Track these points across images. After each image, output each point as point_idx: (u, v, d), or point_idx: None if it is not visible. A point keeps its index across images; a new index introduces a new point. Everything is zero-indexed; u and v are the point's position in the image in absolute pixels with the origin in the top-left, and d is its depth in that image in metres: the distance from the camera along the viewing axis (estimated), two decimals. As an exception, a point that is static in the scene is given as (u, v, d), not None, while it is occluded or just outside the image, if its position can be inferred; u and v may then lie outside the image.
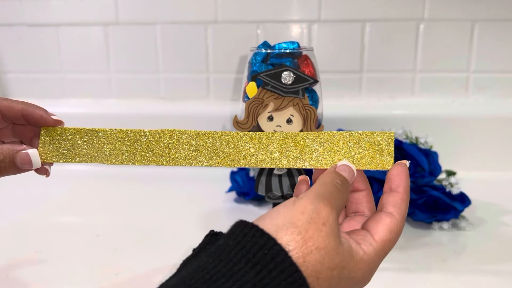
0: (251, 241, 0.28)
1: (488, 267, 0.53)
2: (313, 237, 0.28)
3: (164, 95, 0.89)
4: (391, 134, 0.37)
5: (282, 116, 0.49)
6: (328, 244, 0.29)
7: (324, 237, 0.29)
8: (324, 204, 0.30)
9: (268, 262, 0.27)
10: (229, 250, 0.28)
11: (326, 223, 0.29)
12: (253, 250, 0.27)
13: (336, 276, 0.29)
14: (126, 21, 0.85)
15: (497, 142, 0.82)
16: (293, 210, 0.30)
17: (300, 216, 0.29)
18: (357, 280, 0.31)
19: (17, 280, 0.51)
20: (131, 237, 0.61)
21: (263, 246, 0.27)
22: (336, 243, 0.29)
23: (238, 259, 0.27)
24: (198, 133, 0.40)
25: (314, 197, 0.30)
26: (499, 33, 0.81)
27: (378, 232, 0.33)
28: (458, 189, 0.62)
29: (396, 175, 0.35)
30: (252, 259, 0.27)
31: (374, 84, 0.85)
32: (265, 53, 0.51)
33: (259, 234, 0.28)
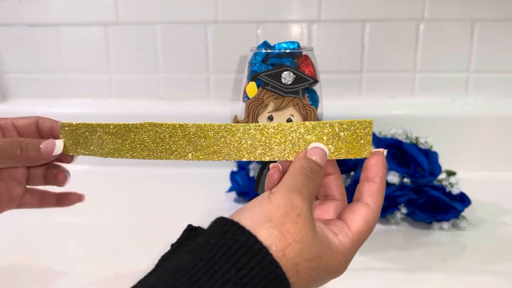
0: (232, 238, 0.28)
1: (488, 267, 0.53)
2: (290, 230, 0.29)
3: (164, 95, 0.89)
4: (370, 122, 0.36)
5: (282, 116, 0.49)
6: (305, 234, 0.29)
7: (300, 229, 0.29)
8: (296, 195, 0.30)
9: (249, 260, 0.27)
10: (209, 248, 0.27)
11: (300, 214, 0.30)
12: (234, 248, 0.27)
13: (315, 267, 0.30)
14: (126, 21, 0.85)
15: (497, 142, 0.82)
16: (268, 204, 0.30)
17: (276, 210, 0.29)
18: (334, 271, 0.32)
19: (17, 280, 0.51)
20: (131, 237, 0.61)
21: (244, 244, 0.27)
22: (312, 232, 0.30)
23: (219, 257, 0.27)
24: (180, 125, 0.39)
25: (286, 189, 0.31)
26: (499, 33, 0.81)
27: (354, 223, 0.33)
28: (458, 189, 0.62)
29: (374, 164, 0.35)
30: (233, 257, 0.27)
31: (374, 84, 0.85)
32: (265, 53, 0.51)
33: (239, 232, 0.28)
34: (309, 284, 0.30)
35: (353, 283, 0.51)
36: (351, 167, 0.67)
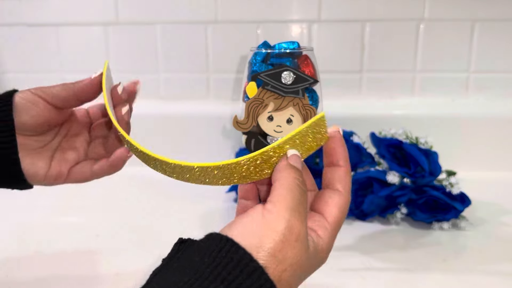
0: (227, 256, 0.27)
1: (488, 267, 0.53)
2: (286, 256, 0.28)
3: (164, 95, 0.89)
4: (322, 114, 0.36)
5: (282, 116, 0.49)
6: (301, 258, 0.29)
7: (297, 254, 0.29)
8: (295, 218, 0.29)
9: (245, 279, 0.26)
10: (204, 267, 0.27)
11: (298, 239, 0.29)
12: (229, 268, 0.26)
13: (304, 277, 0.30)
14: (126, 21, 0.85)
15: (497, 142, 0.82)
16: (263, 226, 0.29)
17: (273, 234, 0.28)
18: (316, 267, 0.32)
19: (17, 280, 0.51)
20: (131, 237, 0.61)
21: (239, 263, 0.27)
22: (307, 253, 0.30)
23: (214, 278, 0.26)
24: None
25: (285, 211, 0.29)
26: (499, 33, 0.81)
27: (330, 214, 0.33)
28: (458, 189, 0.62)
29: (333, 148, 0.35)
30: (228, 276, 0.26)
31: (374, 84, 0.85)
32: (265, 53, 0.51)
33: (234, 249, 0.27)
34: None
35: (353, 283, 0.51)
36: (351, 167, 0.67)
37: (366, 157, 0.67)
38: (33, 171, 0.43)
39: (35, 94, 0.42)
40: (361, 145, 0.67)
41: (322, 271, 0.53)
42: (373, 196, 0.63)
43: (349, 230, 0.64)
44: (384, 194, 0.62)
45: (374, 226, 0.65)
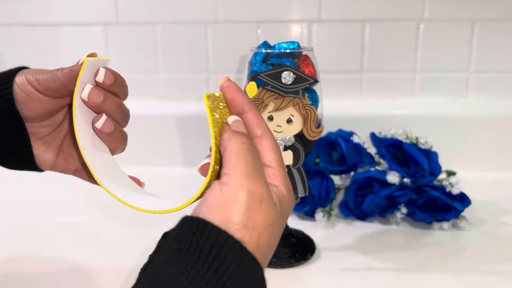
0: (202, 238, 0.26)
1: (488, 267, 0.53)
2: (257, 222, 0.28)
3: (164, 95, 0.89)
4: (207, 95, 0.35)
5: (282, 116, 0.49)
6: (272, 217, 0.29)
7: (267, 215, 0.28)
8: (253, 183, 0.29)
9: (225, 257, 0.26)
10: (183, 255, 0.26)
11: (263, 201, 0.28)
12: (206, 249, 0.26)
13: (281, 229, 0.31)
14: (126, 21, 0.85)
15: (497, 142, 0.82)
16: (225, 201, 0.28)
17: (236, 207, 0.28)
18: (288, 215, 0.32)
19: (17, 280, 0.51)
20: (131, 237, 0.61)
21: (216, 242, 0.26)
22: (275, 210, 0.29)
23: (194, 263, 0.26)
24: None
25: (241, 179, 0.29)
26: (499, 33, 0.81)
27: (271, 160, 0.32)
28: (458, 189, 0.62)
29: (232, 99, 0.35)
30: (208, 258, 0.26)
31: (374, 84, 0.85)
32: (265, 53, 0.51)
33: (208, 230, 0.27)
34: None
35: (353, 283, 0.51)
36: (351, 167, 0.67)
37: (366, 157, 0.67)
38: (42, 160, 0.43)
39: (30, 85, 0.40)
40: (361, 145, 0.67)
41: (322, 271, 0.53)
42: (373, 196, 0.63)
43: (349, 230, 0.64)
44: (384, 194, 0.62)
45: (374, 226, 0.65)
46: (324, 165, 0.68)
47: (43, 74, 0.40)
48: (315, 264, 0.55)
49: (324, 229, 0.64)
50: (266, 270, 0.53)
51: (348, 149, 0.66)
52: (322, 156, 0.69)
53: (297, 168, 0.52)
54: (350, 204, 0.66)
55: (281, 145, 0.50)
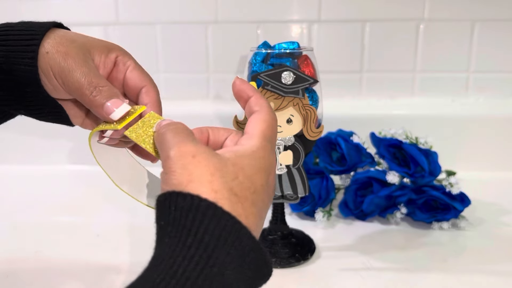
0: (177, 208, 0.27)
1: (488, 267, 0.53)
2: (195, 174, 0.28)
3: (164, 95, 0.88)
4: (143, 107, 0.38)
5: (282, 116, 0.50)
6: (211, 165, 0.29)
7: (204, 164, 0.29)
8: (179, 147, 0.30)
9: (202, 218, 0.27)
10: (168, 232, 0.27)
11: (195, 155, 0.29)
12: (183, 216, 0.27)
13: (246, 181, 0.29)
14: (126, 21, 0.85)
15: (497, 142, 0.82)
16: (167, 178, 0.29)
17: (172, 174, 0.29)
18: (264, 170, 0.31)
19: (17, 280, 0.52)
20: (131, 237, 0.61)
21: (191, 207, 0.27)
22: (217, 157, 0.29)
23: (177, 233, 0.26)
24: None
25: (167, 150, 0.30)
26: (499, 33, 0.81)
27: (254, 127, 0.33)
28: (458, 189, 0.62)
29: (241, 90, 0.36)
30: (192, 227, 0.26)
31: (374, 84, 0.85)
32: (265, 53, 0.51)
33: (180, 198, 0.27)
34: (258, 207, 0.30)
35: (353, 283, 0.51)
36: (351, 167, 0.67)
37: (366, 157, 0.67)
38: (72, 118, 0.42)
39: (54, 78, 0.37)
40: (361, 145, 0.67)
41: (322, 271, 0.53)
42: (373, 196, 0.63)
43: (349, 230, 0.64)
44: (384, 194, 0.62)
45: (374, 226, 0.65)
46: (324, 165, 0.68)
47: (70, 75, 0.36)
48: (315, 264, 0.55)
49: (324, 229, 0.64)
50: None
51: (348, 149, 0.66)
52: (322, 156, 0.69)
53: (297, 168, 0.52)
54: (350, 204, 0.66)
55: (281, 145, 0.51)
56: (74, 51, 0.37)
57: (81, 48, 0.38)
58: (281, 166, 0.51)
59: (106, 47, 0.40)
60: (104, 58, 0.39)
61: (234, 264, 0.27)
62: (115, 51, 0.40)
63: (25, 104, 0.39)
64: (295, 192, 0.53)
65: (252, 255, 0.28)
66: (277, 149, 0.51)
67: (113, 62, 0.40)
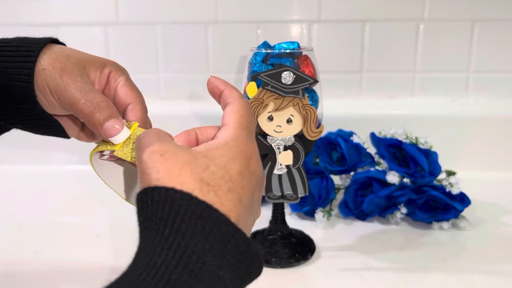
0: (154, 202, 0.28)
1: (488, 267, 0.54)
2: (168, 169, 0.29)
3: (164, 95, 0.89)
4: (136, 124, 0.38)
5: (282, 116, 0.50)
6: (180, 159, 0.29)
7: (173, 160, 0.29)
8: (150, 146, 0.30)
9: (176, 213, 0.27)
10: (149, 230, 0.29)
11: (164, 153, 0.30)
12: (160, 208, 0.28)
13: (221, 171, 0.30)
14: (126, 21, 0.85)
15: (497, 142, 0.82)
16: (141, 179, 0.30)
17: (143, 174, 0.30)
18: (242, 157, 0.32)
19: (17, 280, 0.52)
20: (132, 237, 0.61)
21: (166, 200, 0.28)
22: (185, 151, 0.30)
23: (157, 229, 0.28)
24: None
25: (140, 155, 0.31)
26: (499, 33, 0.81)
27: (229, 119, 0.34)
28: (458, 189, 0.62)
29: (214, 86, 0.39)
30: (168, 218, 0.27)
31: (374, 84, 0.85)
32: (265, 53, 0.51)
33: (156, 192, 0.28)
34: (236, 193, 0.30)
35: (353, 283, 0.51)
36: (351, 167, 0.67)
37: (366, 157, 0.67)
38: (67, 131, 0.43)
39: (50, 94, 0.38)
40: (361, 145, 0.67)
41: (322, 271, 0.53)
42: (373, 196, 0.63)
43: (349, 230, 0.64)
44: (384, 194, 0.62)
45: (374, 226, 0.65)
46: (324, 165, 0.68)
47: (66, 91, 0.37)
48: (315, 264, 0.55)
49: (324, 229, 0.64)
50: (267, 269, 0.53)
51: (348, 149, 0.66)
52: (322, 156, 0.69)
53: (297, 168, 0.52)
54: (350, 204, 0.66)
55: (281, 145, 0.51)
56: (70, 67, 0.38)
57: (77, 64, 0.38)
58: (281, 166, 0.51)
59: (101, 63, 0.40)
60: (99, 74, 0.40)
61: (214, 251, 0.27)
62: (109, 67, 0.41)
63: (21, 119, 0.40)
64: (295, 192, 0.53)
65: (233, 241, 0.28)
66: (277, 149, 0.51)
67: (106, 78, 0.41)
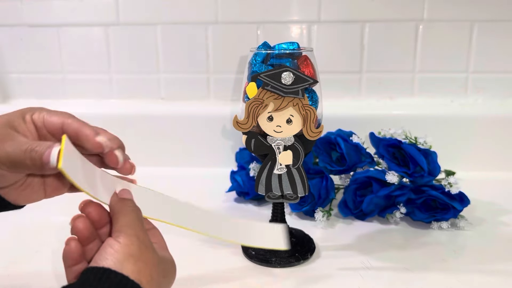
0: (107, 281, 0.32)
1: (487, 267, 0.54)
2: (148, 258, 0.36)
3: (165, 96, 0.89)
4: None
5: (282, 116, 0.50)
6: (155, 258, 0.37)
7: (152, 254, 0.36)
8: (136, 231, 0.36)
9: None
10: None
11: (148, 245, 0.37)
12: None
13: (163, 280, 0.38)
14: (127, 22, 0.86)
15: (496, 142, 0.83)
16: (120, 245, 0.35)
17: (131, 247, 0.35)
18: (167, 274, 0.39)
19: (17, 280, 0.52)
20: (132, 237, 0.62)
21: (119, 283, 0.32)
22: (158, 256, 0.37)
23: None
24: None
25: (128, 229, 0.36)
26: (498, 34, 0.81)
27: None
28: (457, 189, 0.62)
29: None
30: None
31: (373, 85, 0.85)
32: (265, 54, 0.51)
33: (112, 275, 0.33)
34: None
35: (353, 282, 0.51)
36: (350, 167, 0.67)
37: (366, 157, 0.67)
38: (27, 202, 0.44)
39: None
40: (360, 145, 0.67)
41: (322, 270, 0.53)
42: (372, 196, 0.63)
43: (348, 229, 0.64)
44: (383, 194, 0.62)
45: (373, 225, 0.65)
46: (324, 165, 0.69)
47: (11, 147, 0.36)
48: (315, 263, 0.55)
49: (323, 228, 0.64)
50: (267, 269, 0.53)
51: (347, 149, 0.66)
52: (322, 156, 0.69)
53: (297, 168, 0.52)
54: (349, 204, 0.66)
55: (281, 145, 0.51)
56: (1, 133, 0.38)
57: (4, 127, 0.38)
58: (281, 166, 0.52)
59: (21, 114, 0.40)
60: (24, 124, 0.39)
61: None
62: (28, 112, 0.40)
63: None
64: (294, 192, 0.53)
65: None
66: (277, 149, 0.51)
67: (32, 123, 0.40)
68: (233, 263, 0.55)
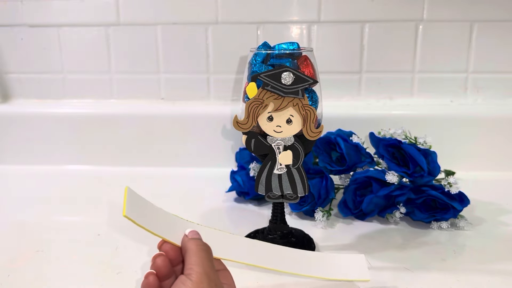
0: None
1: (487, 266, 0.54)
2: None
3: (165, 96, 0.89)
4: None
5: (282, 116, 0.50)
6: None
7: None
8: (208, 269, 0.37)
9: None
10: None
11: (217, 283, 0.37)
12: None
13: None
14: (127, 22, 0.86)
15: (496, 142, 0.83)
16: (192, 283, 0.36)
17: (200, 285, 0.36)
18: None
19: (18, 280, 0.52)
20: (132, 237, 0.62)
21: None
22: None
23: None
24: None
25: (199, 268, 0.37)
26: (497, 34, 0.81)
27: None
28: (457, 189, 0.62)
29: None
30: None
31: (373, 85, 0.86)
32: (265, 54, 0.51)
33: None
34: None
35: (353, 282, 0.51)
36: (350, 167, 0.67)
37: (365, 157, 0.67)
38: None
39: None
40: (360, 145, 0.67)
41: (321, 270, 0.53)
42: (372, 195, 0.63)
43: (348, 229, 0.64)
44: (383, 193, 0.63)
45: (373, 225, 0.65)
46: (324, 165, 0.69)
47: None
48: (315, 263, 0.55)
49: (323, 228, 0.64)
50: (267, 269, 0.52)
51: (347, 149, 0.66)
52: (322, 156, 0.70)
53: (296, 168, 0.52)
54: (349, 204, 0.66)
55: (281, 145, 0.51)
56: None
57: None
58: (281, 166, 0.52)
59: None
60: None
61: None
62: None
63: None
64: (294, 191, 0.53)
65: None
66: (277, 149, 0.51)
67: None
68: (233, 264, 0.55)
